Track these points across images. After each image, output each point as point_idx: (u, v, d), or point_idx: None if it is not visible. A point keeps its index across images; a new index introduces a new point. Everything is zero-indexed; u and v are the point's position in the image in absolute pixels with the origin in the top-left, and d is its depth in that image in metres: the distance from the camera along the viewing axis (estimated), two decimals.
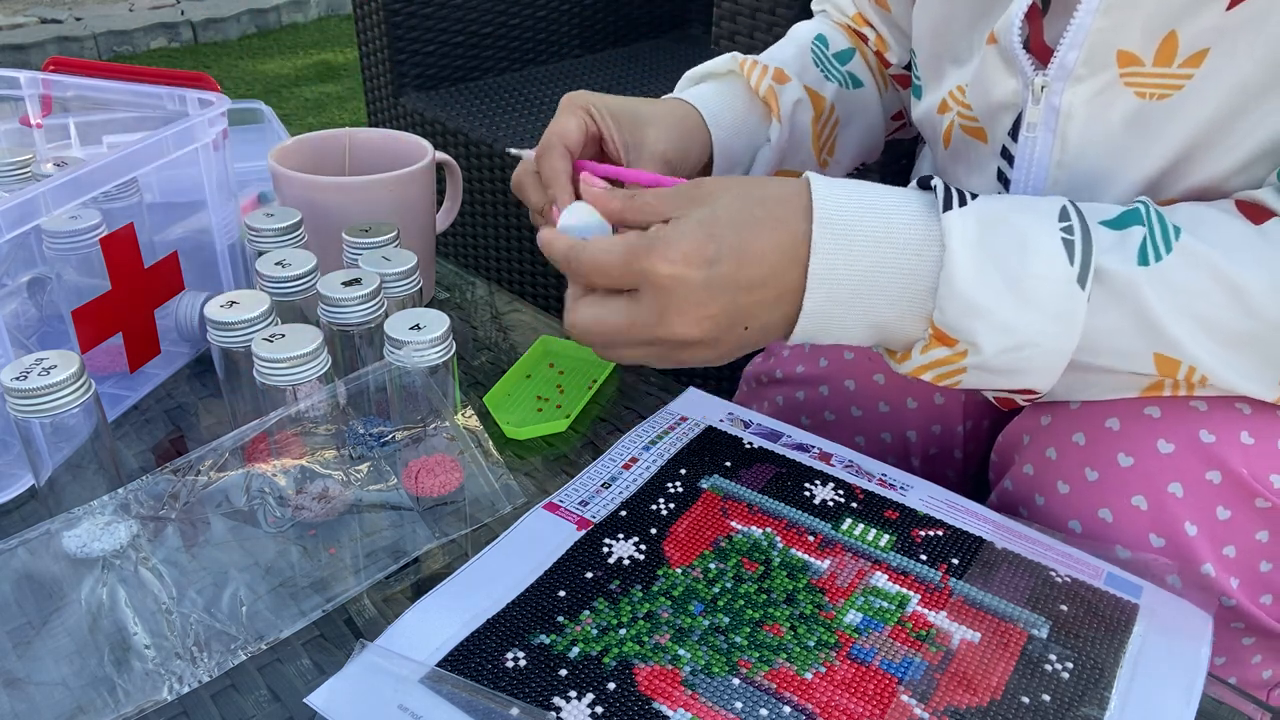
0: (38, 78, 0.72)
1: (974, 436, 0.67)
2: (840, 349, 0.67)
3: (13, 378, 0.48)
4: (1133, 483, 0.51)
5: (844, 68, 0.74)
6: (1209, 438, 0.49)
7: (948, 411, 0.65)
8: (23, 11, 3.55)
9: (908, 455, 0.67)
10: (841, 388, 0.67)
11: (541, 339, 0.71)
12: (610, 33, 1.68)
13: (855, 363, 0.66)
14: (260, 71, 3.26)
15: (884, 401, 0.66)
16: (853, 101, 0.74)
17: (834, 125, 0.75)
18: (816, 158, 0.75)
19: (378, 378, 0.55)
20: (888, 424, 0.66)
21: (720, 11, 1.10)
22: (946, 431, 0.66)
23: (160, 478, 0.49)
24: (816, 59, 0.74)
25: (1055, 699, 0.43)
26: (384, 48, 1.44)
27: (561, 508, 0.54)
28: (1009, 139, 0.55)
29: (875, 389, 0.66)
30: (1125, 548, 0.51)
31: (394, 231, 0.64)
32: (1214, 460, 0.49)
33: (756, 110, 0.71)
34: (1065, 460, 0.53)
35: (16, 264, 0.65)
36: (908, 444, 0.66)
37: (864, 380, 0.66)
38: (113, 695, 0.43)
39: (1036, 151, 0.54)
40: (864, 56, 0.75)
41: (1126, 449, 0.51)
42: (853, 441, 0.67)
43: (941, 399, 0.65)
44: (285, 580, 0.49)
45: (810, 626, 0.46)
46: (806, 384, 0.69)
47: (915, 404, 0.65)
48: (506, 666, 0.44)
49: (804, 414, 0.69)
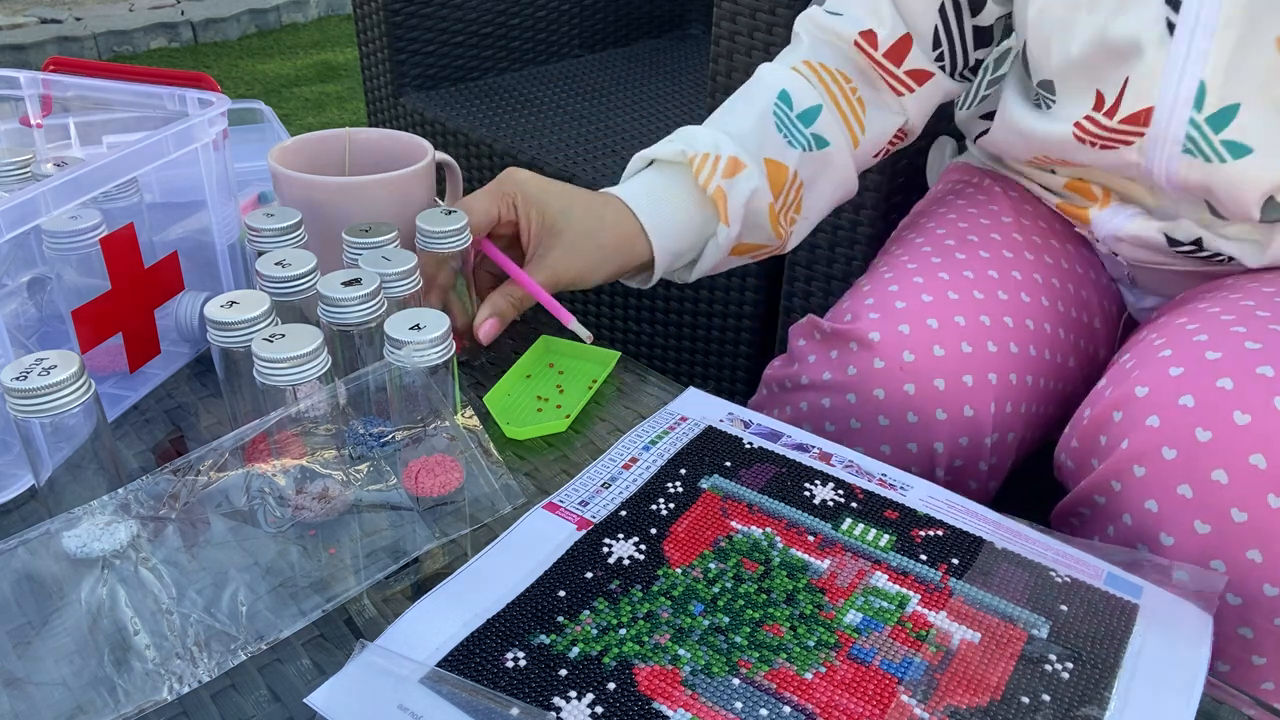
0: (38, 78, 0.72)
1: (1000, 448, 0.66)
2: (870, 356, 0.65)
3: (13, 378, 0.48)
4: (1247, 444, 0.51)
5: (808, 130, 0.71)
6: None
7: (977, 424, 0.64)
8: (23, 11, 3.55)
9: (933, 466, 0.66)
10: (870, 396, 0.65)
11: (541, 339, 0.71)
12: (610, 33, 1.68)
13: (886, 371, 0.65)
14: (260, 71, 3.26)
15: (912, 412, 0.64)
16: (818, 162, 0.72)
17: (798, 190, 0.73)
18: (778, 234, 0.73)
19: (378, 378, 0.55)
20: (915, 434, 0.65)
21: (720, 12, 1.10)
22: (974, 444, 0.65)
23: (160, 478, 0.49)
24: (779, 123, 0.71)
25: (1055, 699, 0.43)
26: (384, 48, 1.44)
27: (561, 508, 0.54)
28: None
29: (904, 399, 0.64)
30: (1241, 510, 0.51)
31: (394, 231, 0.63)
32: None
33: (706, 206, 0.69)
34: (1171, 429, 0.53)
35: (16, 264, 0.65)
36: (934, 455, 0.65)
37: (893, 389, 0.65)
38: (113, 695, 0.43)
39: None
40: (836, 106, 0.72)
41: (1241, 407, 0.52)
42: (878, 450, 0.66)
43: (971, 411, 0.64)
44: (285, 580, 0.49)
45: (810, 626, 0.46)
46: (833, 390, 0.67)
47: (944, 415, 0.64)
48: (506, 666, 0.44)
49: (828, 420, 0.68)
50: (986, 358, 0.64)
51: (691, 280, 0.75)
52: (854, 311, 0.68)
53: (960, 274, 0.68)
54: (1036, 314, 0.68)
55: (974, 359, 0.64)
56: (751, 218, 0.71)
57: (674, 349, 1.32)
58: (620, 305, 1.34)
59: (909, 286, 0.67)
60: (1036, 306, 0.68)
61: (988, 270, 0.68)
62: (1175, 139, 0.60)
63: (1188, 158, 0.60)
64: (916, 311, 0.65)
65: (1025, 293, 0.68)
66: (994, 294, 0.67)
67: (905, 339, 0.64)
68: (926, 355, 0.64)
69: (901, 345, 0.64)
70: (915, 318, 0.65)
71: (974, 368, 0.64)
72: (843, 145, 0.73)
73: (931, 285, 0.67)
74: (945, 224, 0.74)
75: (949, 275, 0.68)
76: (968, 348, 0.64)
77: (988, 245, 0.71)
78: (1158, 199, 0.67)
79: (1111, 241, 0.71)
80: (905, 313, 0.65)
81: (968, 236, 0.72)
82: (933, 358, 0.64)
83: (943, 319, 0.65)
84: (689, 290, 1.25)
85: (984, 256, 0.70)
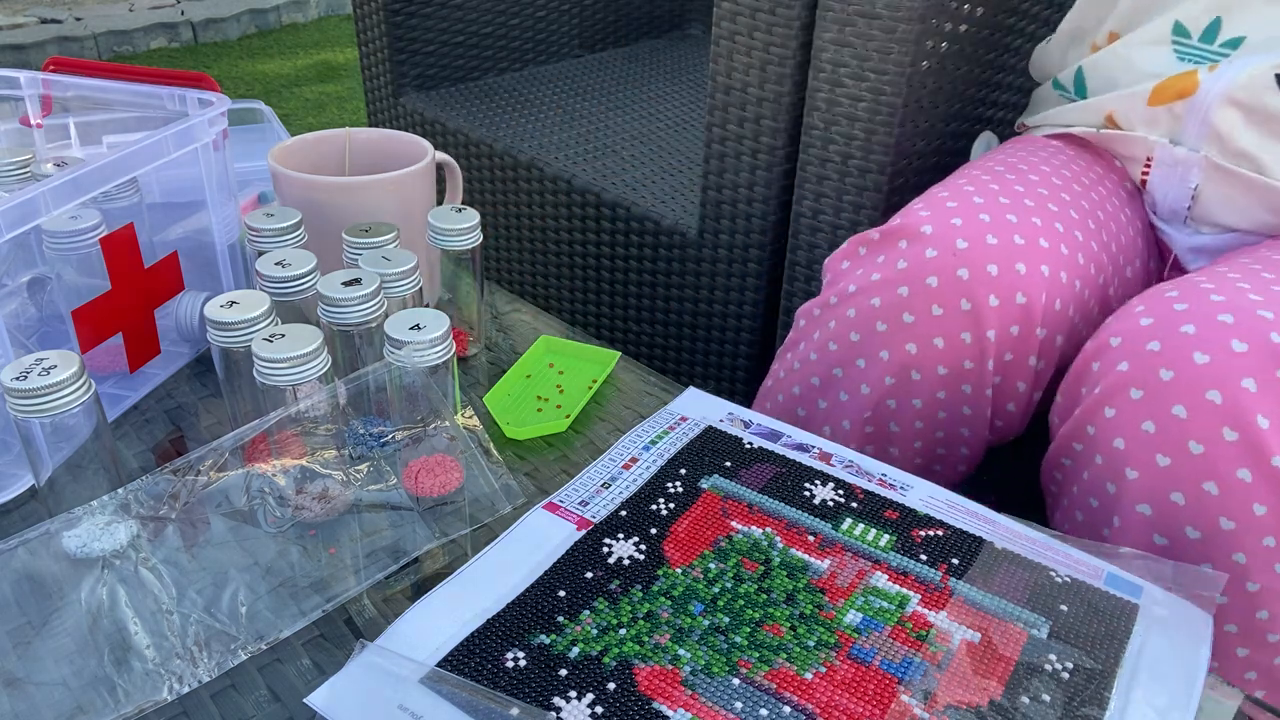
0: (38, 78, 0.72)
1: (1046, 349, 0.66)
2: (923, 247, 0.65)
3: (13, 378, 0.48)
4: (1206, 378, 0.52)
5: None
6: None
7: (1029, 312, 0.64)
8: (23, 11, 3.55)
9: (984, 358, 0.65)
10: (923, 286, 0.64)
11: (541, 339, 0.71)
12: (610, 33, 1.68)
13: (939, 259, 0.64)
14: (260, 71, 3.26)
15: (966, 299, 0.64)
16: None
17: None
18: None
19: (378, 378, 0.55)
20: (968, 323, 0.64)
21: (720, 12, 1.10)
22: (1025, 334, 0.64)
23: (160, 478, 0.49)
24: None
25: (1055, 699, 0.43)
26: (384, 48, 1.44)
27: (561, 508, 0.54)
28: None
29: (958, 285, 0.64)
30: (1198, 443, 0.53)
31: (394, 231, 0.64)
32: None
33: None
34: (1139, 371, 0.55)
35: (16, 264, 0.65)
36: (985, 345, 0.64)
37: (947, 276, 0.64)
38: (113, 695, 0.43)
39: None
40: None
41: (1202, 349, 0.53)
42: (932, 346, 0.65)
43: (1024, 298, 0.63)
44: (285, 580, 0.49)
45: (810, 626, 0.46)
46: (883, 289, 0.66)
47: (997, 301, 0.63)
48: (506, 666, 0.44)
49: (880, 320, 0.67)
50: (1039, 251, 0.65)
51: None
52: (903, 215, 0.68)
53: (1011, 187, 0.69)
54: (1085, 230, 0.69)
55: (1027, 250, 0.64)
56: None
57: (674, 349, 1.32)
58: (620, 305, 1.35)
59: (960, 193, 0.68)
60: (1085, 225, 0.69)
61: (1038, 188, 0.70)
62: None
63: None
64: (969, 208, 0.66)
65: (1075, 210, 0.69)
66: (1044, 205, 0.68)
67: (958, 230, 0.65)
68: (980, 243, 0.64)
69: (954, 235, 0.64)
70: (968, 213, 0.66)
71: (1027, 258, 0.64)
72: None
73: (983, 191, 0.68)
74: (993, 158, 0.75)
75: (999, 186, 0.69)
76: (1020, 240, 0.64)
77: (1037, 171, 0.72)
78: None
79: (1205, 130, 0.71)
80: (957, 210, 0.66)
81: (1018, 165, 0.73)
82: (986, 245, 0.64)
83: (995, 215, 0.65)
84: (689, 290, 1.25)
85: (1033, 179, 0.71)
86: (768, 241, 1.17)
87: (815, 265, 1.10)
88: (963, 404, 0.67)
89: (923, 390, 0.66)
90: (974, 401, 0.66)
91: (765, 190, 1.11)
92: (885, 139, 0.98)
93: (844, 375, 0.69)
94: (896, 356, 0.66)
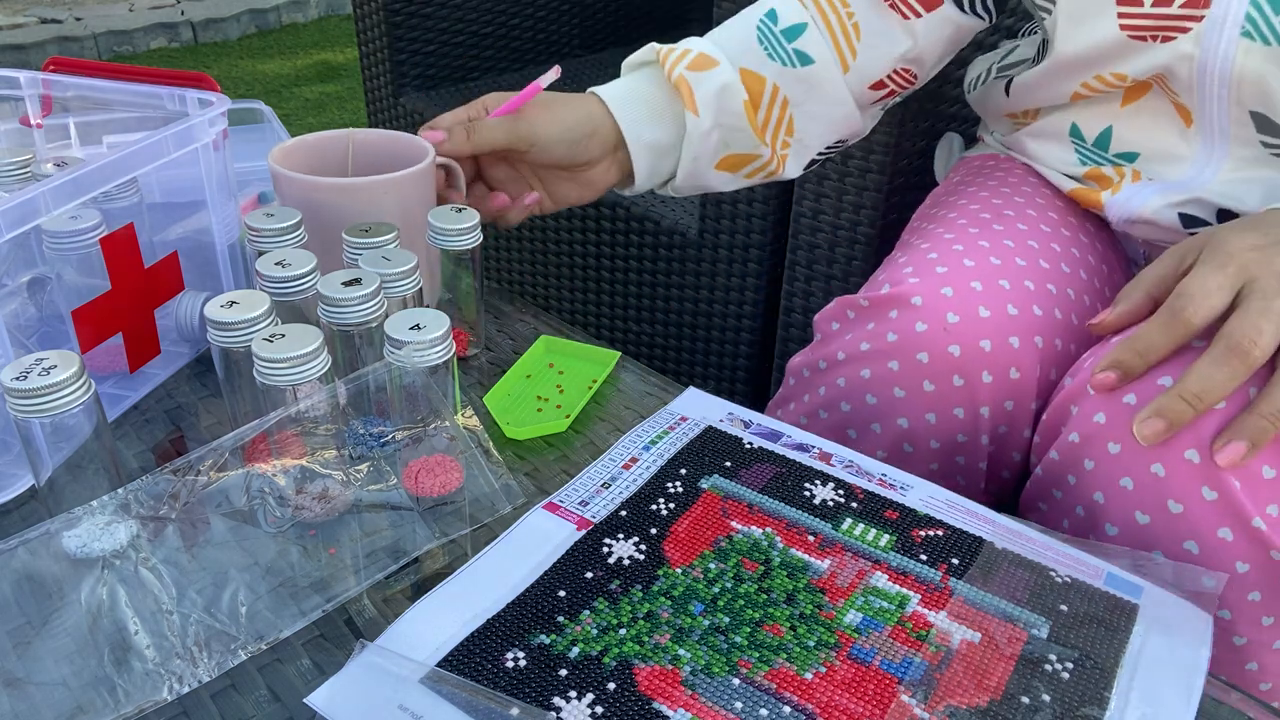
0: (38, 78, 0.72)
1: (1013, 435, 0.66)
2: (913, 320, 0.64)
3: (13, 378, 0.48)
4: (1184, 437, 0.51)
5: (791, 44, 0.73)
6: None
7: (1023, 387, 0.63)
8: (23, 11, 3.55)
9: (978, 433, 0.64)
10: (913, 361, 0.64)
11: (541, 339, 0.71)
12: (610, 33, 1.68)
13: (929, 334, 0.63)
14: (260, 71, 3.26)
15: (958, 375, 0.63)
16: (804, 79, 0.73)
17: (782, 105, 0.73)
18: (765, 142, 0.74)
19: (378, 378, 0.55)
20: (960, 399, 0.63)
21: (720, 12, 1.10)
22: (1019, 408, 0.64)
23: (160, 478, 0.49)
24: (761, 36, 0.73)
25: (1055, 699, 0.43)
26: (384, 48, 1.44)
27: (561, 508, 0.54)
28: None
29: (949, 361, 0.63)
30: (1177, 502, 0.52)
31: (394, 231, 0.64)
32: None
33: (676, 100, 0.72)
34: (1115, 424, 0.54)
35: (16, 264, 0.65)
36: (979, 420, 0.64)
37: (938, 352, 0.63)
38: (113, 695, 0.43)
39: None
40: (827, 24, 0.73)
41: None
42: (923, 420, 0.64)
43: (1017, 374, 0.63)
44: (285, 580, 0.49)
45: (810, 626, 0.46)
46: (872, 360, 0.65)
47: (990, 378, 0.63)
48: (506, 666, 0.44)
49: (869, 392, 0.66)
50: (1033, 320, 0.63)
51: (682, 188, 0.76)
52: (891, 280, 0.66)
53: (1000, 242, 0.67)
54: (1077, 286, 0.68)
55: (1020, 321, 0.63)
56: (727, 117, 0.72)
57: (674, 349, 1.32)
58: (620, 305, 1.35)
59: (949, 254, 0.66)
60: (1076, 279, 0.68)
61: (1027, 240, 0.68)
62: (1235, 20, 0.59)
63: (1246, 41, 0.59)
64: (959, 275, 0.64)
65: (1065, 264, 0.68)
66: (1036, 262, 0.66)
67: (948, 301, 0.63)
68: (972, 317, 0.62)
69: (945, 307, 0.63)
70: (958, 281, 0.64)
71: (1020, 330, 0.62)
72: (830, 65, 0.73)
73: (972, 252, 0.66)
74: (977, 200, 0.73)
75: (989, 244, 0.67)
76: (1013, 310, 0.63)
77: (1024, 219, 0.70)
78: (1189, 143, 0.66)
79: (1125, 225, 0.71)
80: (947, 276, 0.64)
81: (1003, 211, 0.71)
82: (978, 319, 0.62)
83: (987, 282, 0.64)
84: (689, 290, 1.25)
85: (1021, 229, 0.69)
86: (768, 241, 1.17)
87: (815, 265, 1.10)
88: (956, 474, 0.66)
89: (916, 462, 0.66)
90: (968, 472, 0.66)
91: (765, 190, 1.11)
92: (885, 139, 0.98)
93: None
94: (889, 430, 0.65)
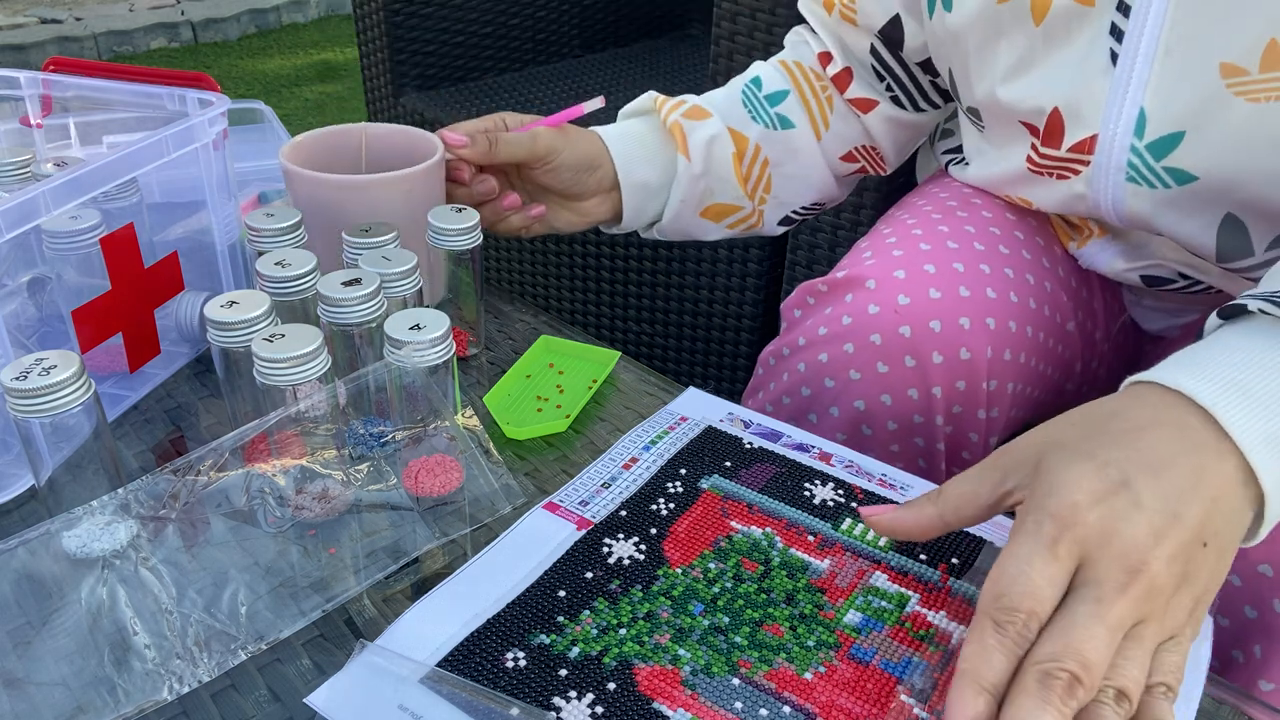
0: (38, 78, 0.72)
1: (998, 398, 0.65)
2: (866, 302, 0.64)
3: (13, 378, 0.48)
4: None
5: (774, 109, 0.77)
6: None
7: (974, 367, 0.63)
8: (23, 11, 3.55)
9: (933, 414, 0.64)
10: (867, 343, 0.64)
11: (541, 339, 0.71)
12: (610, 33, 1.68)
13: (881, 315, 0.63)
14: (260, 71, 3.26)
15: (910, 355, 0.63)
16: (783, 142, 0.77)
17: (763, 164, 0.77)
18: (747, 194, 0.78)
19: (378, 378, 0.55)
20: (913, 379, 0.63)
21: (720, 12, 1.10)
22: (971, 389, 0.63)
23: (160, 478, 0.49)
24: (746, 100, 0.77)
25: None
26: (384, 48, 1.44)
27: (561, 508, 0.54)
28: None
29: (901, 342, 0.63)
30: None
31: (394, 231, 0.64)
32: None
33: (670, 145, 0.74)
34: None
35: (16, 264, 0.65)
36: (932, 401, 0.63)
37: (890, 334, 0.63)
38: (113, 695, 0.43)
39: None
40: (802, 96, 0.77)
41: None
42: (879, 403, 0.64)
43: (968, 354, 0.63)
44: (285, 580, 0.49)
45: (810, 626, 0.46)
46: (829, 344, 0.65)
47: (941, 359, 0.62)
48: (506, 666, 0.44)
49: (828, 376, 0.66)
50: (985, 302, 0.63)
51: (667, 231, 0.78)
52: (849, 265, 0.67)
53: (961, 227, 0.67)
54: (1037, 272, 0.68)
55: (971, 303, 0.63)
56: (716, 166, 0.75)
57: (674, 349, 1.32)
58: (620, 305, 1.35)
59: (907, 237, 0.66)
60: (1037, 266, 0.68)
61: (989, 227, 0.68)
62: (1119, 166, 0.60)
63: (1133, 185, 0.60)
64: (913, 257, 0.64)
65: (1027, 250, 0.68)
66: (995, 248, 0.66)
67: (901, 283, 0.63)
68: (922, 298, 0.62)
69: (897, 289, 0.63)
70: (911, 263, 0.64)
71: (971, 311, 0.62)
72: (806, 131, 0.77)
73: (930, 236, 0.66)
74: (947, 189, 0.74)
75: (949, 228, 0.67)
76: (965, 291, 0.63)
77: (989, 207, 0.70)
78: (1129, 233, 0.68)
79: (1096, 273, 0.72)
80: (902, 260, 0.64)
81: (970, 199, 0.71)
82: (929, 300, 0.62)
83: (940, 264, 0.64)
84: (689, 290, 1.25)
85: (986, 215, 0.69)
86: (768, 241, 1.17)
87: (815, 265, 1.10)
88: (917, 456, 0.66)
89: (874, 445, 0.66)
90: (927, 454, 0.66)
91: None
92: None
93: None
94: (846, 413, 0.66)
